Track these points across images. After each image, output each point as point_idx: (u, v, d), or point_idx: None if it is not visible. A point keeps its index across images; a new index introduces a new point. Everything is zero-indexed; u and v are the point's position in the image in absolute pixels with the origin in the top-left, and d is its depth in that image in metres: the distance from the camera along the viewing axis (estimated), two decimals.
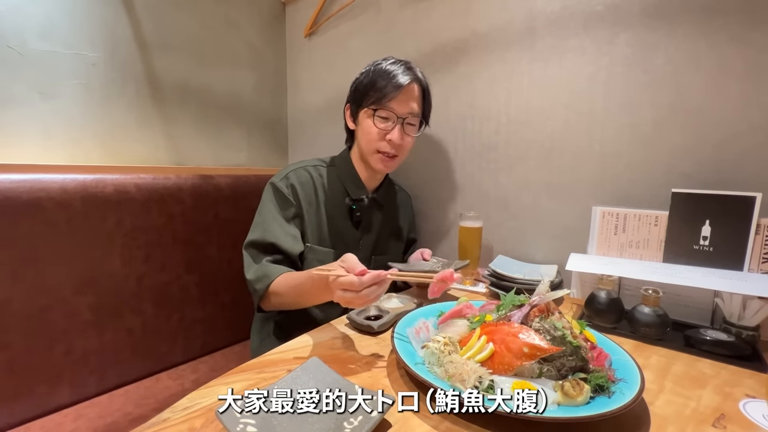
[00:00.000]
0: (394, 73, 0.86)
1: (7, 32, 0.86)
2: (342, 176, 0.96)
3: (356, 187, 0.95)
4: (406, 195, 1.14)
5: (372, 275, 0.56)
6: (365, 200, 0.95)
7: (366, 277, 0.56)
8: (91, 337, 0.84)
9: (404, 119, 0.87)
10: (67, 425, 0.77)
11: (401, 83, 0.85)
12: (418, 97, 0.89)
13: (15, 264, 0.75)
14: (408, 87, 0.86)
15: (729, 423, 0.45)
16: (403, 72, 0.87)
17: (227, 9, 1.28)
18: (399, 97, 0.85)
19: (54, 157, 0.95)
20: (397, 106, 0.86)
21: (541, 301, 0.54)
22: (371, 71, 0.88)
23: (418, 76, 0.89)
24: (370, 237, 0.98)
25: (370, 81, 0.87)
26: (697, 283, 0.67)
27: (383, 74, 0.86)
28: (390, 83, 0.85)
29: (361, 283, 0.56)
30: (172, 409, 0.46)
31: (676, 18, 0.79)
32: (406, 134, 0.89)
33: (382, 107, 0.86)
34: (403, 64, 0.89)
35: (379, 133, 0.87)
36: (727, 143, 0.76)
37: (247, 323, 1.05)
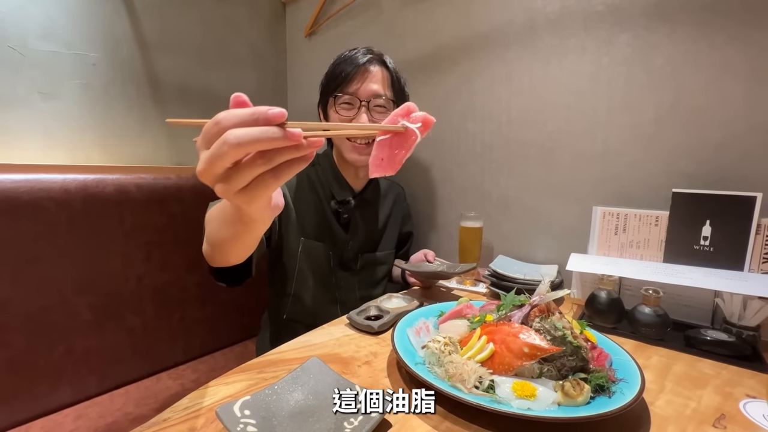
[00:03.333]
0: (351, 57, 0.83)
1: (8, 32, 0.86)
2: (326, 176, 0.92)
3: (341, 188, 0.91)
4: (398, 187, 1.10)
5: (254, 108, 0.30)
6: (351, 202, 0.91)
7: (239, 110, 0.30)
8: (92, 336, 0.84)
9: (368, 102, 0.82)
10: (68, 425, 0.77)
11: (357, 63, 0.82)
12: (383, 79, 0.84)
13: (16, 264, 0.75)
14: (366, 67, 0.82)
15: (729, 423, 0.45)
16: (362, 54, 0.83)
17: (228, 9, 1.28)
18: (357, 79, 0.82)
19: (55, 157, 0.95)
20: (357, 89, 0.82)
21: (541, 301, 0.54)
22: (331, 64, 0.87)
23: (382, 58, 0.86)
24: (359, 237, 0.95)
25: (330, 70, 0.85)
26: (697, 283, 0.66)
27: (342, 61, 0.84)
28: (347, 66, 0.82)
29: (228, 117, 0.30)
30: (172, 408, 0.46)
31: (677, 18, 0.79)
32: (375, 120, 0.83)
33: (342, 92, 0.82)
34: (363, 49, 0.85)
35: (342, 120, 0.82)
36: (727, 143, 0.76)
37: (247, 323, 1.05)
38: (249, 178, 0.31)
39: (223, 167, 0.30)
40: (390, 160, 0.38)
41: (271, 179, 0.32)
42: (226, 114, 0.30)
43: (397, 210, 1.06)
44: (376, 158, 0.39)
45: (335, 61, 0.86)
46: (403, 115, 0.39)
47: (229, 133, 0.29)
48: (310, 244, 0.89)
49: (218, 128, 0.30)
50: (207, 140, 0.30)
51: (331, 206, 0.91)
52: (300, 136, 0.30)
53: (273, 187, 0.32)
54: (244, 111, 0.30)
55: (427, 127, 0.38)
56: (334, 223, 0.92)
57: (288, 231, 0.87)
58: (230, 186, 0.31)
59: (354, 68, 0.81)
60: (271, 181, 0.32)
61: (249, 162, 0.30)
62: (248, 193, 0.32)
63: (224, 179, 0.31)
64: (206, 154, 0.30)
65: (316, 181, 0.91)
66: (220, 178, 0.31)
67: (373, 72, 0.83)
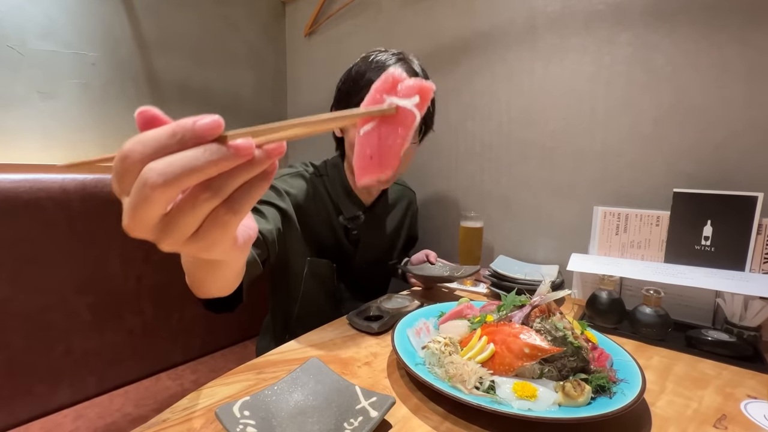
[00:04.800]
0: (382, 65, 0.72)
1: (7, 32, 0.86)
2: (335, 189, 0.84)
3: (350, 203, 0.84)
4: (410, 192, 1.05)
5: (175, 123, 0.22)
6: (361, 218, 0.85)
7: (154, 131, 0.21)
8: (91, 337, 0.84)
9: None
10: (67, 425, 0.76)
11: None
12: None
13: (15, 264, 0.75)
14: None
15: (730, 424, 0.45)
16: (394, 63, 0.73)
17: (227, 8, 1.28)
18: None
19: (54, 156, 0.94)
20: None
21: (542, 302, 0.54)
22: (360, 64, 0.75)
23: (414, 68, 0.75)
24: (368, 252, 0.90)
25: (357, 75, 0.74)
26: (698, 283, 0.66)
27: (369, 68, 0.72)
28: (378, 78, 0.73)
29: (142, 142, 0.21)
30: (171, 409, 0.46)
31: (677, 18, 0.79)
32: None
33: None
34: (396, 54, 0.75)
35: None
36: (728, 143, 0.76)
37: (246, 324, 1.05)
38: (196, 221, 0.23)
39: (156, 216, 0.22)
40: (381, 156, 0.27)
41: (227, 215, 0.23)
42: (135, 142, 0.21)
43: (407, 218, 1.02)
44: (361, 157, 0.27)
45: (360, 65, 0.75)
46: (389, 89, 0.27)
47: (149, 169, 0.20)
48: (315, 263, 0.83)
49: (129, 164, 0.21)
50: (122, 183, 0.21)
51: (340, 221, 0.85)
52: (251, 147, 0.22)
53: (232, 224, 0.24)
54: (160, 132, 0.21)
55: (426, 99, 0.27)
56: (342, 239, 0.86)
57: (291, 251, 0.79)
58: (173, 237, 0.23)
59: None
60: (227, 217, 0.23)
61: (189, 199, 0.22)
62: (201, 240, 0.24)
63: (163, 230, 0.22)
64: (127, 204, 0.21)
65: (323, 192, 0.84)
66: (158, 230, 0.22)
67: None
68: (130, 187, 0.21)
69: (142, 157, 0.20)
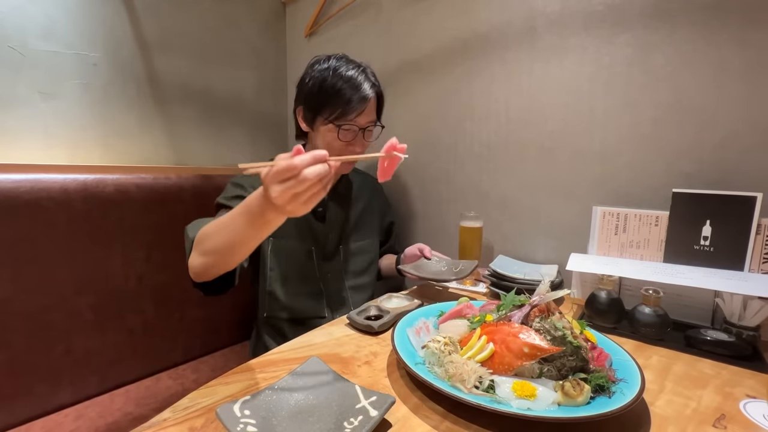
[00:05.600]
0: (357, 84, 0.85)
1: (8, 32, 0.86)
2: None
3: None
4: (372, 179, 1.10)
5: (311, 153, 0.45)
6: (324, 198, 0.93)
7: (306, 155, 0.45)
8: (92, 336, 0.84)
9: (365, 129, 0.88)
10: (68, 425, 0.77)
11: (367, 97, 0.85)
12: (375, 105, 0.90)
13: (16, 264, 0.75)
14: (370, 100, 0.87)
15: (729, 423, 0.45)
16: (365, 82, 0.86)
17: (228, 8, 1.28)
18: (361, 109, 0.85)
19: (55, 156, 0.95)
20: (360, 119, 0.86)
21: (541, 301, 0.54)
22: (330, 75, 0.85)
23: (375, 82, 0.90)
24: (337, 228, 0.98)
25: (331, 88, 0.84)
26: (697, 283, 0.66)
27: (345, 82, 0.84)
28: (355, 96, 0.84)
29: (302, 161, 0.44)
30: (172, 408, 0.46)
31: (676, 18, 0.79)
32: (366, 141, 0.90)
33: (346, 122, 0.85)
34: (362, 71, 0.88)
35: (342, 146, 0.87)
36: (727, 143, 0.76)
37: (247, 323, 1.05)
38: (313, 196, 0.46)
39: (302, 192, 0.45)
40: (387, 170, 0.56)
41: (322, 191, 0.47)
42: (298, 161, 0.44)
43: (375, 200, 1.08)
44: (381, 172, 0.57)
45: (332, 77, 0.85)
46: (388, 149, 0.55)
47: (309, 171, 0.44)
48: (279, 243, 0.91)
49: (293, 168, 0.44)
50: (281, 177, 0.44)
51: None
52: (335, 166, 0.48)
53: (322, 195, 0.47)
54: (307, 156, 0.45)
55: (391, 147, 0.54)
56: (310, 218, 0.94)
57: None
58: (299, 202, 0.46)
59: (361, 102, 0.84)
60: (322, 192, 0.47)
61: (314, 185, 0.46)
62: (309, 203, 0.47)
63: (297, 199, 0.45)
64: (288, 185, 0.44)
65: None
66: (296, 199, 0.45)
67: (372, 102, 0.88)
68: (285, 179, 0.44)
69: (302, 166, 0.44)
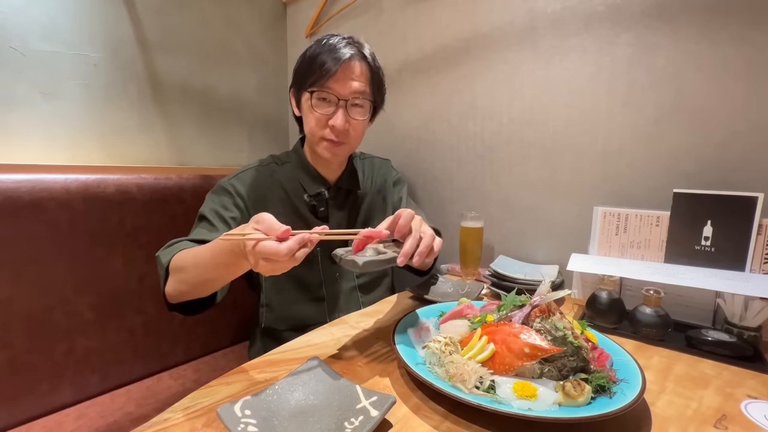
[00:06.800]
0: (335, 48, 0.76)
1: (9, 33, 0.86)
2: (294, 173, 0.87)
3: (312, 182, 0.87)
4: (382, 161, 1.03)
5: (297, 239, 0.47)
6: (325, 194, 0.86)
7: (292, 242, 0.47)
8: (93, 336, 0.84)
9: (347, 101, 0.77)
10: (69, 425, 0.77)
11: (340, 57, 0.74)
12: (364, 75, 0.79)
13: (17, 264, 0.75)
14: (349, 63, 0.76)
15: (731, 424, 0.45)
16: (344, 46, 0.76)
17: (228, 9, 1.28)
18: (338, 75, 0.75)
19: (56, 157, 0.95)
20: (337, 85, 0.76)
21: (542, 302, 0.54)
22: (310, 48, 0.79)
23: (363, 52, 0.79)
24: (342, 226, 0.90)
25: (309, 58, 0.78)
26: (698, 283, 0.66)
27: (322, 50, 0.76)
28: (329, 59, 0.74)
29: (289, 250, 0.46)
30: (173, 408, 0.46)
31: (678, 18, 0.79)
32: (352, 117, 0.79)
33: (321, 88, 0.76)
34: (345, 38, 0.79)
35: (320, 118, 0.78)
36: (728, 143, 0.76)
37: (248, 323, 1.05)
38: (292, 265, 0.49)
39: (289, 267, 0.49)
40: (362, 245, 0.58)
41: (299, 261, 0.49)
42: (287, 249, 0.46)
43: (386, 184, 1.00)
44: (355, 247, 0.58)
45: (314, 48, 0.78)
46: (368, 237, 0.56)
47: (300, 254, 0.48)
48: None
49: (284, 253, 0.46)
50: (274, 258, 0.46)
51: (306, 201, 0.86)
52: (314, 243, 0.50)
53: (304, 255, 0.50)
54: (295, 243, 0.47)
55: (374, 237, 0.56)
56: (311, 219, 0.87)
57: None
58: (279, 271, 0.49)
59: (336, 63, 0.74)
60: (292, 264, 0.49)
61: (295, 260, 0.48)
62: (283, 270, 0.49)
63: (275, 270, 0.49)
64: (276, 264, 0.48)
65: (283, 179, 0.87)
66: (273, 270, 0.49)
67: (355, 68, 0.77)
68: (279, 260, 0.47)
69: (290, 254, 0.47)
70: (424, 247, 0.57)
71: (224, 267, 0.58)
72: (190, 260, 0.63)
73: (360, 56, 0.78)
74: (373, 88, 0.82)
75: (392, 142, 1.26)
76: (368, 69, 0.80)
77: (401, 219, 0.58)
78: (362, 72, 0.79)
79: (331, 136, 0.79)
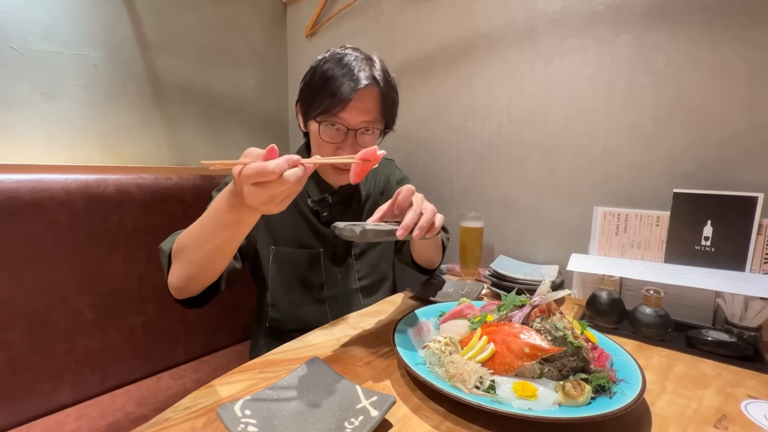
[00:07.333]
0: (348, 71, 0.71)
1: (9, 33, 0.86)
2: None
3: (317, 187, 0.86)
4: (384, 161, 0.99)
5: (285, 157, 0.43)
6: (329, 199, 0.85)
7: (280, 159, 0.43)
8: (93, 336, 0.84)
9: (357, 130, 0.74)
10: (69, 425, 0.77)
11: (354, 86, 0.70)
12: (376, 103, 0.75)
13: (17, 264, 0.75)
14: (363, 92, 0.71)
15: (731, 424, 0.45)
16: (359, 70, 0.72)
17: (228, 9, 1.28)
18: (351, 105, 0.71)
19: (56, 157, 0.95)
20: (347, 115, 0.72)
21: (542, 302, 0.54)
22: (323, 62, 0.74)
23: (377, 76, 0.74)
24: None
25: (321, 78, 0.73)
26: (698, 283, 0.66)
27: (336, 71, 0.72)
28: (342, 86, 0.70)
29: (277, 166, 0.42)
30: (173, 408, 0.46)
31: (678, 18, 0.79)
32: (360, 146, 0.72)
33: (330, 117, 0.73)
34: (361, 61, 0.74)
35: (328, 147, 0.75)
36: (728, 143, 0.76)
37: (248, 323, 1.05)
38: (288, 195, 0.46)
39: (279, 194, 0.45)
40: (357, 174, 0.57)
41: (298, 190, 0.47)
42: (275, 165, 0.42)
43: (390, 184, 0.97)
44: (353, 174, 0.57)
45: (328, 66, 0.74)
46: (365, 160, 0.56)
47: (290, 174, 0.43)
48: (282, 251, 0.84)
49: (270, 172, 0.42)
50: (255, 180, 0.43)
51: (309, 206, 0.85)
52: (310, 167, 0.46)
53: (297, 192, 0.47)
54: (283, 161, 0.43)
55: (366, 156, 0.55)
56: (315, 223, 0.86)
57: (259, 240, 0.84)
58: (274, 203, 0.45)
59: (349, 92, 0.70)
60: (297, 190, 0.46)
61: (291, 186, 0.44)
62: (284, 203, 0.47)
63: (273, 200, 0.45)
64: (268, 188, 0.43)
65: None
66: (273, 200, 0.45)
67: (368, 97, 0.73)
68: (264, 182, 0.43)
69: (279, 171, 0.42)
70: (425, 221, 0.56)
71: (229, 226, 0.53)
72: (190, 235, 0.59)
73: (374, 82, 0.73)
74: (385, 113, 0.78)
75: (392, 142, 1.26)
76: (380, 94, 0.75)
77: (401, 194, 0.59)
78: (375, 100, 0.75)
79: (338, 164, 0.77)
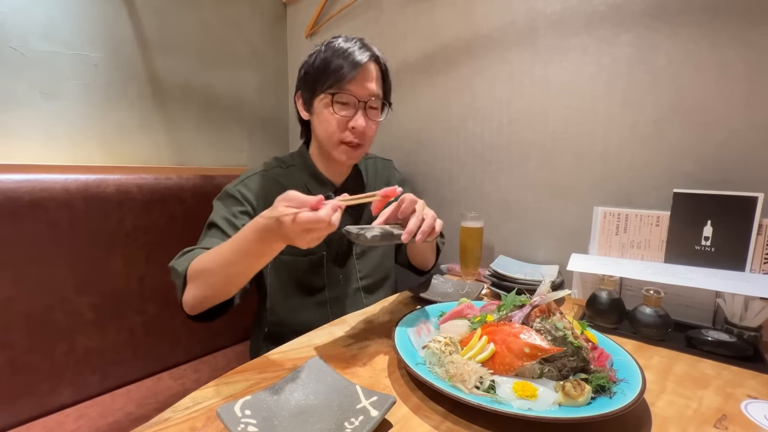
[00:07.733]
0: (349, 51, 0.76)
1: (9, 33, 0.86)
2: (301, 176, 0.87)
3: (319, 185, 0.87)
4: (384, 162, 1.03)
5: (331, 204, 0.51)
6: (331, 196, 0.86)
7: (327, 208, 0.50)
8: (93, 336, 0.84)
9: (366, 102, 0.78)
10: (69, 425, 0.77)
11: (359, 61, 0.75)
12: (377, 77, 0.80)
13: (17, 264, 0.75)
14: (366, 66, 0.77)
15: (731, 424, 0.45)
16: (359, 49, 0.77)
17: (229, 9, 1.28)
18: (357, 78, 0.76)
19: (56, 157, 0.95)
20: (356, 88, 0.76)
21: (542, 302, 0.54)
22: (323, 50, 0.79)
23: (376, 53, 0.80)
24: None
25: (323, 62, 0.77)
26: (698, 283, 0.66)
27: (337, 53, 0.76)
28: (346, 62, 0.75)
29: (327, 215, 0.49)
30: (173, 408, 0.46)
31: (678, 18, 0.79)
32: (370, 119, 0.80)
33: (342, 91, 0.76)
34: (357, 40, 0.79)
35: (340, 121, 0.77)
36: (728, 143, 0.76)
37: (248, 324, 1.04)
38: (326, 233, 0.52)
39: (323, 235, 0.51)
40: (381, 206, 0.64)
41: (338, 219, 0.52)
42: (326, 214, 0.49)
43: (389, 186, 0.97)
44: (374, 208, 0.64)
45: (326, 51, 0.78)
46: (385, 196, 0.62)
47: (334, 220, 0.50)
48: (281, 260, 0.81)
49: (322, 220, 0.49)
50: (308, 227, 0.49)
51: None
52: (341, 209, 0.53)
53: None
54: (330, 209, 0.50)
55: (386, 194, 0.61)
56: None
57: None
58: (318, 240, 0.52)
59: (354, 67, 0.75)
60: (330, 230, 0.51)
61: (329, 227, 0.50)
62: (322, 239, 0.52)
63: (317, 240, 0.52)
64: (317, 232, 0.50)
65: (288, 183, 0.86)
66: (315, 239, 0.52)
67: (371, 71, 0.79)
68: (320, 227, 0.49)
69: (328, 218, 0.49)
70: (427, 227, 0.63)
71: (254, 256, 0.58)
72: (213, 259, 0.62)
73: (374, 58, 0.79)
74: (385, 88, 0.83)
75: (392, 142, 1.26)
76: (379, 70, 0.81)
77: (405, 203, 0.65)
78: (376, 74, 0.80)
79: (351, 138, 0.79)
